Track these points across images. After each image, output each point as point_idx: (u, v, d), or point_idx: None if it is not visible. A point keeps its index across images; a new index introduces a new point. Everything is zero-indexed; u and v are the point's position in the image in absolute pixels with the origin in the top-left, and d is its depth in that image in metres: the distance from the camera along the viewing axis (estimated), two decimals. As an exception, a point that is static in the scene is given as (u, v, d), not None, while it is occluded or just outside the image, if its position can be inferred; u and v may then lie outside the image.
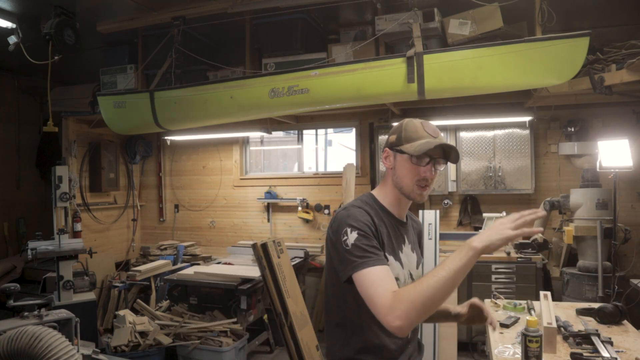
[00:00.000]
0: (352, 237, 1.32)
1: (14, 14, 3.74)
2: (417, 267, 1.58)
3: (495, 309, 2.68)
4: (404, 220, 1.57)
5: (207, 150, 5.95)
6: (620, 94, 3.52)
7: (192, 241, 5.81)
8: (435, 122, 4.57)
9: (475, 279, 4.17)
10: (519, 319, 2.46)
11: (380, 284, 1.24)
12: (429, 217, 4.35)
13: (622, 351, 1.98)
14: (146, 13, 3.93)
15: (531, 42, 2.97)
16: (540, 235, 4.17)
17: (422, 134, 1.45)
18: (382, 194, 1.53)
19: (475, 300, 1.69)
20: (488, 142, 4.67)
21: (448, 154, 1.47)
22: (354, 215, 1.38)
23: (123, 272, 5.37)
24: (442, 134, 1.50)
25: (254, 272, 4.17)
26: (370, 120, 5.17)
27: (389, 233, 1.45)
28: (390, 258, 1.41)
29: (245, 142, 5.88)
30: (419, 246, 1.67)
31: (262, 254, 3.64)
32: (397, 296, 1.19)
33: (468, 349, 4.16)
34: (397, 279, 1.39)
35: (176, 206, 6.11)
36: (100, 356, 2.41)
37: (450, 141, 4.79)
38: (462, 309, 1.68)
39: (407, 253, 1.52)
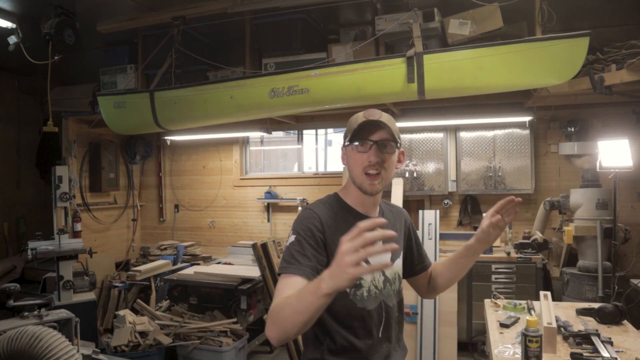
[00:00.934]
0: (290, 239, 1.34)
1: (14, 14, 3.74)
2: (393, 262, 1.52)
3: (495, 309, 2.68)
4: (373, 215, 1.49)
5: (207, 150, 5.95)
6: (620, 94, 3.52)
7: (192, 241, 5.81)
8: (435, 122, 4.65)
9: (475, 279, 4.17)
10: (519, 319, 2.46)
11: (278, 294, 1.23)
12: (429, 217, 4.35)
13: (622, 351, 1.98)
14: (146, 13, 3.93)
15: (531, 42, 2.97)
16: (540, 235, 4.17)
17: (360, 120, 1.39)
18: (346, 192, 1.49)
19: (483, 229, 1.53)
20: (488, 142, 4.67)
21: (366, 129, 1.38)
22: (302, 218, 1.37)
23: (123, 272, 5.37)
24: (383, 114, 1.40)
25: (254, 272, 4.17)
26: (370, 120, 5.16)
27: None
28: None
29: (245, 142, 5.88)
30: (401, 236, 1.58)
31: (262, 254, 3.65)
32: (270, 310, 1.18)
33: (468, 349, 4.16)
34: (361, 278, 1.36)
35: (176, 206, 6.11)
36: (100, 356, 2.41)
37: (451, 141, 4.79)
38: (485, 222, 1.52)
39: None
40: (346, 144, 1.43)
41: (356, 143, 1.39)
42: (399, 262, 1.55)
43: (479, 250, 1.56)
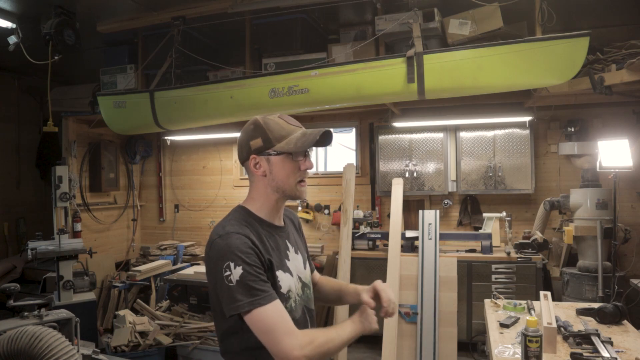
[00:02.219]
0: (236, 273, 1.21)
1: (14, 14, 3.74)
2: (305, 267, 1.49)
3: (495, 309, 2.68)
4: (281, 224, 1.46)
5: (207, 150, 5.95)
6: (620, 94, 3.52)
7: (192, 241, 5.80)
8: (435, 122, 4.65)
9: (475, 279, 4.17)
10: (519, 319, 2.46)
11: (282, 321, 1.22)
12: (429, 217, 4.35)
13: (622, 351, 1.98)
14: (146, 13, 3.93)
15: (531, 42, 2.97)
16: (540, 235, 4.17)
17: (290, 128, 1.35)
18: (257, 205, 1.39)
19: (376, 285, 1.47)
20: (488, 142, 4.67)
21: (324, 139, 1.37)
22: (234, 246, 1.23)
23: (123, 272, 5.37)
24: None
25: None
26: (370, 120, 5.17)
27: (272, 247, 1.35)
28: (280, 273, 1.33)
29: (245, 142, 5.87)
30: (299, 237, 1.56)
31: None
32: (308, 337, 1.24)
33: (468, 349, 4.16)
34: (289, 290, 1.35)
35: (176, 206, 6.11)
36: (100, 356, 2.41)
37: (451, 141, 4.79)
38: (365, 295, 1.46)
39: (293, 257, 1.43)
40: (278, 151, 1.33)
41: (300, 157, 1.35)
42: (308, 266, 1.52)
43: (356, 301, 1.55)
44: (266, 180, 1.37)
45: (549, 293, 2.41)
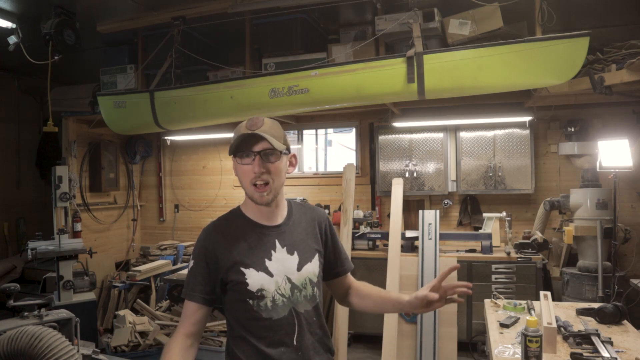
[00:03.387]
0: (190, 264, 1.44)
1: (14, 14, 3.74)
2: (299, 270, 1.43)
3: (495, 309, 2.68)
4: (276, 223, 1.46)
5: (207, 150, 5.95)
6: (620, 94, 3.52)
7: (192, 241, 5.80)
8: (435, 122, 4.65)
9: (475, 279, 4.17)
10: (519, 319, 2.46)
11: (182, 318, 1.42)
12: (429, 217, 4.36)
13: (622, 351, 1.98)
14: (146, 13, 3.93)
15: (531, 42, 2.97)
16: (540, 235, 4.17)
17: (240, 132, 1.37)
18: (245, 205, 1.48)
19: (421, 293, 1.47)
20: (488, 142, 4.67)
21: (245, 141, 1.37)
22: (198, 241, 1.45)
23: (123, 272, 5.37)
24: (265, 122, 1.39)
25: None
26: (370, 120, 5.17)
27: (250, 246, 1.40)
28: (250, 271, 1.37)
29: (245, 142, 5.87)
30: (309, 237, 1.51)
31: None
32: (171, 345, 1.37)
33: (468, 349, 4.16)
34: (262, 289, 1.36)
35: (176, 206, 6.11)
36: (100, 356, 2.41)
37: (451, 141, 4.79)
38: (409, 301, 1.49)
39: (280, 258, 1.41)
40: (232, 155, 1.40)
41: (239, 156, 1.37)
42: (309, 267, 1.46)
43: (405, 309, 1.54)
44: None
45: (549, 293, 2.41)
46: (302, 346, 1.40)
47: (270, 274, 1.38)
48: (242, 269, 1.37)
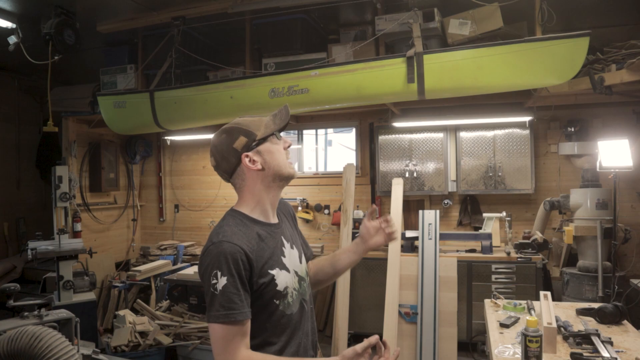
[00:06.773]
0: (221, 282, 1.24)
1: (14, 14, 3.74)
2: (301, 262, 1.49)
3: (495, 309, 2.68)
4: (276, 221, 1.47)
5: (207, 150, 5.91)
6: (620, 94, 3.52)
7: (192, 241, 5.80)
8: (435, 122, 4.65)
9: (475, 279, 4.17)
10: (519, 319, 2.46)
11: (230, 343, 1.24)
12: (429, 217, 4.36)
13: (622, 351, 1.98)
14: (146, 13, 3.93)
15: (531, 42, 2.97)
16: (540, 235, 4.17)
17: (257, 118, 1.46)
18: (250, 207, 1.41)
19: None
20: (488, 142, 4.67)
21: (288, 112, 1.52)
22: (225, 253, 1.25)
23: (123, 272, 5.37)
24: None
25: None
26: (370, 120, 5.17)
27: (268, 246, 1.37)
28: (276, 271, 1.35)
29: (245, 142, 5.87)
30: (294, 231, 1.57)
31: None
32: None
33: (468, 349, 4.16)
34: (286, 287, 1.36)
35: (176, 206, 6.11)
36: (100, 356, 2.41)
37: (451, 141, 4.79)
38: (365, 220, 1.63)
39: (289, 253, 1.44)
40: (261, 141, 1.40)
41: (278, 137, 1.45)
42: (304, 258, 1.54)
43: (358, 248, 1.62)
44: (262, 174, 1.39)
45: (549, 293, 2.42)
46: (308, 331, 1.47)
47: (288, 270, 1.41)
48: (270, 270, 1.34)
